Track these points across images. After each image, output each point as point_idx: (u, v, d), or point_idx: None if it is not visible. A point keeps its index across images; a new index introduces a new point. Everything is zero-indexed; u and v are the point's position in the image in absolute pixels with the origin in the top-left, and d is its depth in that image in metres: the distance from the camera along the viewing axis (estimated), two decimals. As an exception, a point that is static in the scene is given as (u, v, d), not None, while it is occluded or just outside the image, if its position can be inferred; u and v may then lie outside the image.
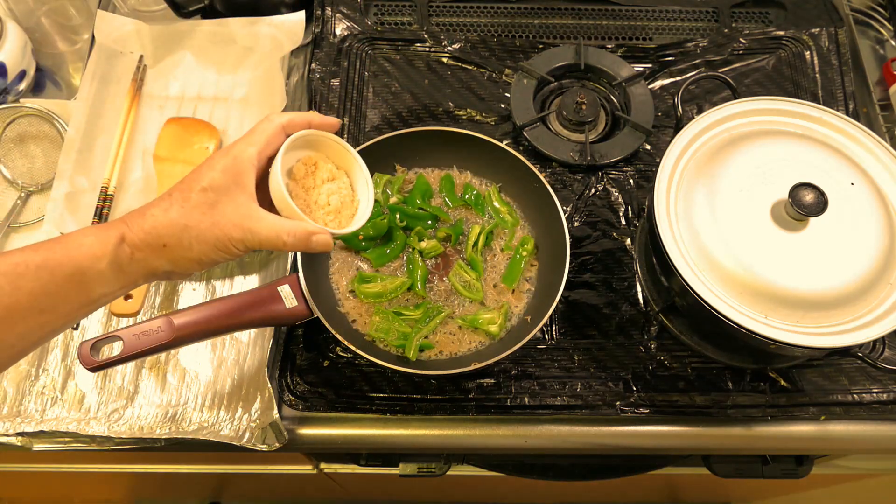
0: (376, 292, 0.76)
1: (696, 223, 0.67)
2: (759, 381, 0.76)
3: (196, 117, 0.85)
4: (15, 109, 0.86)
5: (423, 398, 0.74)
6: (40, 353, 0.77)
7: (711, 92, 0.93)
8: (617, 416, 0.74)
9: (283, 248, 0.57)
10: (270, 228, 0.56)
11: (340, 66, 0.92)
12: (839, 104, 0.92)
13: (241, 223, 0.55)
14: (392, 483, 1.18)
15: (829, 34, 0.97)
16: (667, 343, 0.78)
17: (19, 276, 0.50)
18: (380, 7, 0.99)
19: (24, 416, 0.74)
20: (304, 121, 0.60)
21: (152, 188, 0.84)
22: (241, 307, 0.68)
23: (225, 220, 0.55)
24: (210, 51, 0.93)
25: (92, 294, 0.53)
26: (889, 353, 0.77)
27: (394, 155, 0.82)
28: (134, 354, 0.63)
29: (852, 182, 0.68)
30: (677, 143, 0.71)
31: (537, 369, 0.76)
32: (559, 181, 0.86)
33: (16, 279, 0.50)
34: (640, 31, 1.00)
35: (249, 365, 0.77)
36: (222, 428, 0.73)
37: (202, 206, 0.54)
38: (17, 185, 0.85)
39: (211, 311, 0.66)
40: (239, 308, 0.67)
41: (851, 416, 0.75)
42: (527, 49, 0.96)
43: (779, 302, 0.63)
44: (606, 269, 0.82)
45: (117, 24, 0.91)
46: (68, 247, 0.52)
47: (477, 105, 0.92)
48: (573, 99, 0.89)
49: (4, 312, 0.49)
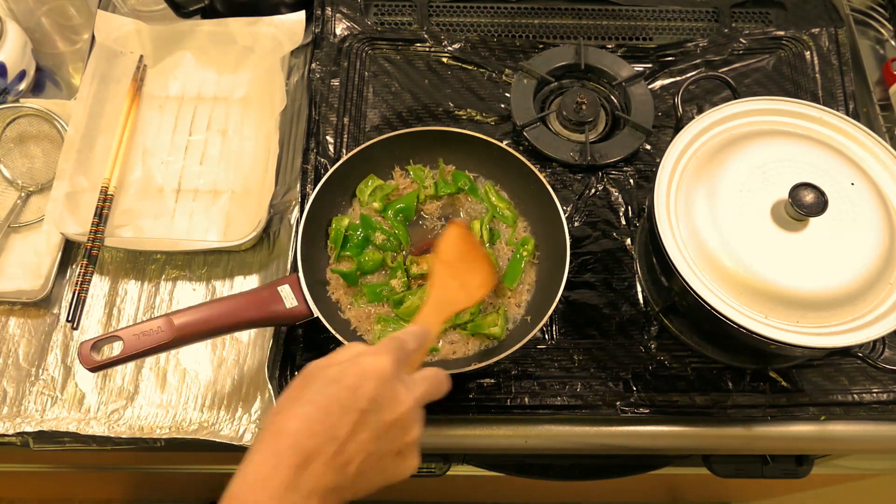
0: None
1: (696, 223, 0.67)
2: (759, 381, 0.76)
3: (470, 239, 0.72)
4: (15, 109, 0.86)
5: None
6: (40, 353, 0.77)
7: (711, 92, 0.93)
8: (617, 416, 0.74)
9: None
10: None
11: (340, 66, 0.92)
12: (839, 104, 0.92)
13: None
14: (392, 483, 1.18)
15: (829, 34, 0.97)
16: (667, 343, 0.78)
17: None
18: (380, 7, 0.99)
19: (24, 416, 0.74)
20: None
21: (152, 188, 0.84)
22: (241, 307, 0.68)
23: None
24: (210, 51, 0.93)
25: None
26: (889, 353, 0.77)
27: (393, 155, 0.82)
28: (134, 354, 0.63)
29: (852, 182, 0.68)
30: (677, 143, 0.71)
31: (537, 369, 0.76)
32: (559, 181, 0.86)
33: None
34: (640, 31, 1.00)
35: (249, 365, 0.77)
36: (222, 428, 0.73)
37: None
38: (17, 185, 0.85)
39: (211, 311, 0.66)
40: (239, 308, 0.67)
41: (851, 416, 0.75)
42: (527, 49, 0.96)
43: (779, 302, 0.63)
44: (606, 269, 0.82)
45: (117, 24, 0.91)
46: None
47: (477, 105, 0.92)
48: (573, 99, 0.89)
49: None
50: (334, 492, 0.47)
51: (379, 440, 0.48)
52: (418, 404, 0.51)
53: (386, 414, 0.49)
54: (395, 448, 0.50)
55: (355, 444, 0.47)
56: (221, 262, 0.82)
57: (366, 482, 0.49)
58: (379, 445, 0.48)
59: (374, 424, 0.48)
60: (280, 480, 0.45)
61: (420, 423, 0.52)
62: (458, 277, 0.67)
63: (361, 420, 0.47)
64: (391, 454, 0.50)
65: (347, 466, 0.47)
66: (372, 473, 0.49)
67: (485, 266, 0.70)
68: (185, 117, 0.89)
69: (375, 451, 0.48)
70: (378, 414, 0.48)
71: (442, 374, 0.55)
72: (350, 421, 0.47)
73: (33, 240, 0.82)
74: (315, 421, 0.47)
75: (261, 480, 0.46)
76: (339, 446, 0.47)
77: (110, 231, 0.80)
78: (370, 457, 0.48)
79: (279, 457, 0.46)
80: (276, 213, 0.84)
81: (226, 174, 0.85)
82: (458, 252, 0.68)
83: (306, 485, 0.46)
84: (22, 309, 0.79)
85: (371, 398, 0.48)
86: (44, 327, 0.78)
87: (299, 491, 0.45)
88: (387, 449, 0.49)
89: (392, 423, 0.49)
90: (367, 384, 0.48)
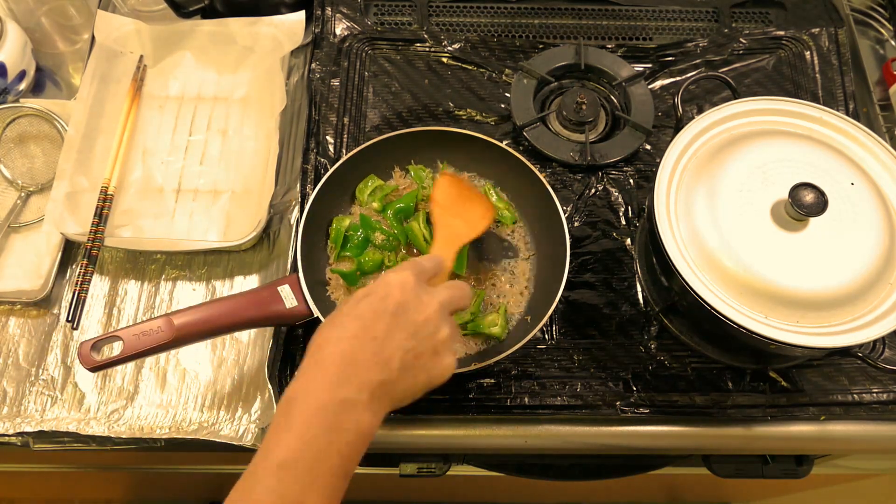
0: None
1: (696, 223, 0.67)
2: (759, 381, 0.76)
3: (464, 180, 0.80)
4: (15, 109, 0.86)
5: (424, 398, 0.74)
6: (40, 353, 0.77)
7: (711, 92, 0.93)
8: (617, 416, 0.74)
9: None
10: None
11: (340, 66, 0.92)
12: (839, 104, 0.92)
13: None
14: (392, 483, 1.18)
15: (829, 34, 0.97)
16: (667, 343, 0.78)
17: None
18: (380, 7, 0.99)
19: (24, 416, 0.74)
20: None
21: (152, 188, 0.84)
22: (241, 307, 0.68)
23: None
24: (210, 51, 0.93)
25: None
26: (889, 353, 0.77)
27: (393, 155, 0.82)
28: (134, 354, 0.63)
29: (852, 182, 0.68)
30: (677, 143, 0.71)
31: (537, 369, 0.76)
32: (559, 181, 0.86)
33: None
34: (640, 31, 1.00)
35: (249, 365, 0.77)
36: (222, 428, 0.73)
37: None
38: (17, 185, 0.85)
39: (211, 311, 0.66)
40: (239, 308, 0.67)
41: (851, 416, 0.75)
42: (527, 49, 0.96)
43: (779, 302, 0.63)
44: (606, 269, 0.82)
45: (117, 24, 0.91)
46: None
47: (477, 105, 0.92)
48: (573, 99, 0.89)
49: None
50: (382, 385, 0.52)
51: (413, 338, 0.54)
52: (443, 308, 0.56)
53: (414, 314, 0.54)
54: (430, 346, 0.55)
55: (393, 341, 0.53)
56: (221, 262, 0.82)
57: (411, 379, 0.54)
58: (414, 343, 0.54)
59: (405, 324, 0.54)
60: (331, 377, 0.50)
61: (449, 324, 0.57)
62: (459, 215, 0.74)
63: (394, 322, 0.53)
64: (428, 352, 0.55)
65: (390, 362, 0.52)
66: (415, 371, 0.54)
67: (481, 200, 0.77)
68: (185, 117, 0.89)
69: (412, 348, 0.53)
70: (407, 315, 0.54)
71: (462, 283, 0.61)
72: (384, 323, 0.53)
73: (33, 240, 0.82)
74: (353, 328, 0.53)
75: (314, 379, 0.51)
76: (379, 345, 0.52)
77: (110, 231, 0.80)
78: (408, 354, 0.53)
79: (325, 362, 0.51)
80: (276, 213, 0.84)
81: (226, 174, 0.85)
82: (451, 195, 0.75)
83: (355, 378, 0.51)
84: (22, 309, 0.79)
85: (399, 302, 0.54)
86: (44, 327, 0.78)
87: (350, 382, 0.51)
88: (422, 347, 0.54)
89: (422, 322, 0.54)
90: (393, 291, 0.54)
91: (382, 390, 0.52)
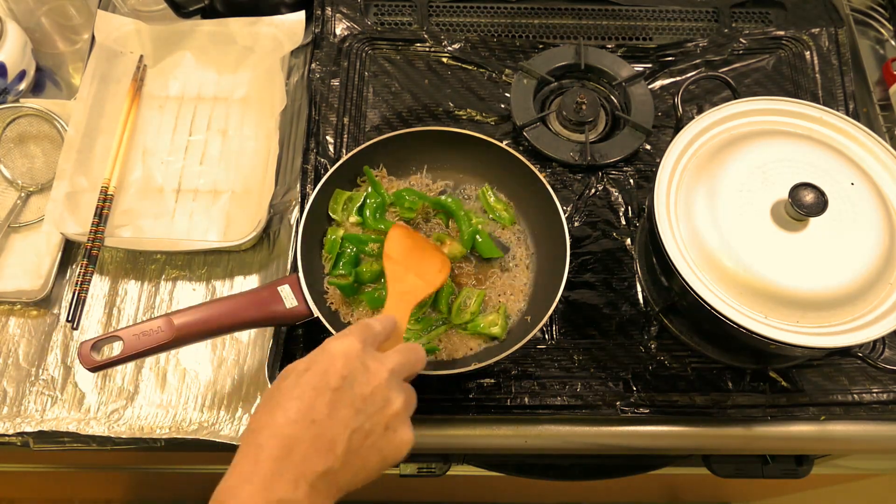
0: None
1: (696, 223, 0.67)
2: (759, 381, 0.76)
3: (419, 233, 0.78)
4: (15, 109, 0.86)
5: (424, 398, 0.74)
6: (40, 353, 0.77)
7: (711, 92, 0.93)
8: (617, 416, 0.74)
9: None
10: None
11: (340, 66, 0.92)
12: (839, 104, 0.92)
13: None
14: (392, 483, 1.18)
15: (829, 34, 0.97)
16: (667, 343, 0.78)
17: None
18: (380, 7, 0.99)
19: (24, 416, 0.74)
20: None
21: (152, 188, 0.84)
22: (241, 307, 0.67)
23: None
24: (210, 51, 0.93)
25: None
26: (889, 353, 0.77)
27: (393, 155, 0.82)
28: (134, 354, 0.63)
29: (852, 182, 0.68)
30: (677, 143, 0.71)
31: (537, 369, 0.76)
32: (559, 181, 0.86)
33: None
34: (640, 31, 1.00)
35: (249, 365, 0.77)
36: (222, 428, 0.73)
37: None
38: (17, 185, 0.85)
39: (211, 311, 0.66)
40: (239, 308, 0.67)
41: (851, 416, 0.75)
42: (527, 49, 0.96)
43: (779, 302, 0.63)
44: (606, 269, 0.82)
45: (117, 24, 0.91)
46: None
47: (477, 105, 0.92)
48: (573, 99, 0.89)
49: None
50: (325, 476, 0.46)
51: (359, 414, 0.48)
52: (394, 376, 0.51)
53: (360, 387, 0.49)
54: (381, 421, 0.50)
55: (336, 422, 0.47)
56: (221, 262, 0.82)
57: (360, 462, 0.48)
58: (362, 420, 0.48)
59: (350, 400, 0.48)
60: (264, 472, 0.45)
61: (402, 394, 0.51)
62: (412, 269, 0.70)
63: (336, 398, 0.48)
64: (378, 429, 0.49)
65: (334, 446, 0.47)
66: (364, 452, 0.49)
67: (435, 254, 0.73)
68: (185, 117, 0.89)
69: (359, 427, 0.48)
70: (352, 389, 0.49)
71: (415, 345, 0.56)
72: (325, 401, 0.47)
73: (33, 240, 0.82)
74: (291, 409, 0.47)
75: (245, 476, 0.45)
76: (319, 428, 0.47)
77: (110, 231, 0.80)
78: (355, 434, 0.48)
79: (259, 450, 0.46)
80: (276, 213, 0.84)
81: (226, 174, 0.85)
82: (405, 248, 0.72)
83: (291, 471, 0.45)
84: (22, 309, 0.79)
85: (341, 375, 0.48)
86: (44, 327, 0.78)
87: (284, 478, 0.45)
88: (371, 423, 0.49)
89: (369, 395, 0.49)
90: (336, 363, 0.49)
91: (325, 481, 0.46)
